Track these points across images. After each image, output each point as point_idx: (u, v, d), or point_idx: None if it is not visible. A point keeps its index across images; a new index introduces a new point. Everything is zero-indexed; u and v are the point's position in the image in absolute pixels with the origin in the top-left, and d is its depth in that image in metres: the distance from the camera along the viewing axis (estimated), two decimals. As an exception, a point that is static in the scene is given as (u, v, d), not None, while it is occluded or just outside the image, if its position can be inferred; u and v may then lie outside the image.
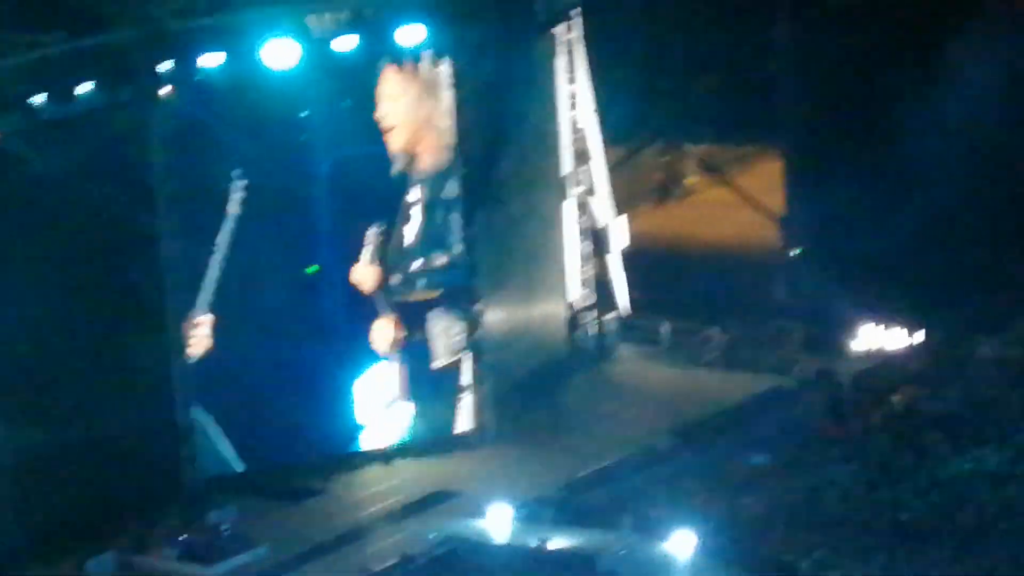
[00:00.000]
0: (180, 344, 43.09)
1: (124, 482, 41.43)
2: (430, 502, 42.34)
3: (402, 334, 45.31)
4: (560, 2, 49.60)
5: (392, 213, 45.85)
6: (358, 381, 45.54)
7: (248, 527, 41.45)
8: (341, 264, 45.44)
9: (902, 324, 50.17)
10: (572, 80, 50.32)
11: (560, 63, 50.11)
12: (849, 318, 50.72)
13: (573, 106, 50.42)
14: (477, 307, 46.57)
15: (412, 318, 45.67)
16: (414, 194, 45.39)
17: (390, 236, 45.36)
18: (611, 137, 52.47)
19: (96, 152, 40.76)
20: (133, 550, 40.59)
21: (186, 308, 43.57)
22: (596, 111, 51.09)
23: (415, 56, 44.89)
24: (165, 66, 41.58)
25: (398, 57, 44.64)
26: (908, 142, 52.38)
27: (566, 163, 50.42)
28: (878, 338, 50.20)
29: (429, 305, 46.24)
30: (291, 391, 44.95)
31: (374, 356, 45.63)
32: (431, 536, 40.16)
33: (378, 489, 43.84)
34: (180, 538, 40.65)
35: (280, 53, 42.71)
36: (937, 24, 55.16)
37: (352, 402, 45.68)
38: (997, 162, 53.55)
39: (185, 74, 42.25)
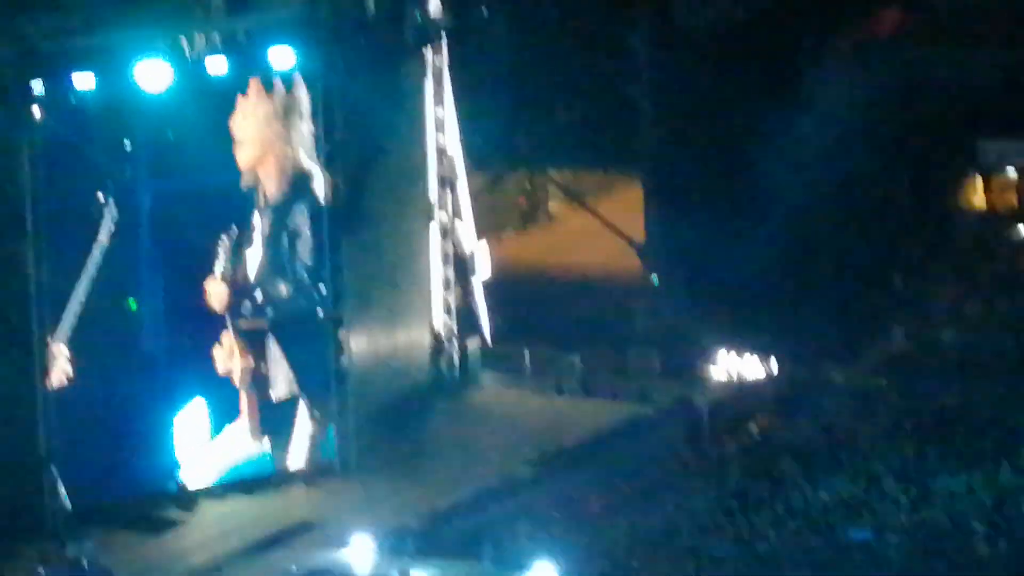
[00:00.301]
0: (44, 372, 41.95)
1: None
2: (292, 534, 41.70)
3: (249, 363, 44.35)
4: (428, 26, 49.07)
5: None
6: (178, 416, 44.31)
7: (108, 559, 40.29)
8: (166, 296, 44.34)
9: (758, 352, 50.09)
10: (439, 104, 49.91)
11: (427, 87, 49.76)
12: (706, 346, 50.62)
13: (440, 129, 50.05)
14: (341, 333, 45.89)
15: (258, 346, 44.77)
16: (256, 221, 44.51)
17: (240, 247, 44.46)
18: (475, 162, 52.33)
19: None
20: None
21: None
22: (461, 136, 50.67)
23: (286, 79, 44.07)
24: (36, 86, 40.67)
25: (266, 78, 43.81)
26: (766, 172, 52.90)
27: (432, 188, 50.12)
28: (735, 366, 50.12)
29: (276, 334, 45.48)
30: (111, 427, 43.76)
31: (196, 389, 44.40)
32: (293, 569, 39.93)
33: (239, 521, 43.11)
34: (39, 571, 39.60)
35: (153, 74, 41.88)
36: (794, 55, 55.62)
37: (171, 438, 44.35)
38: (851, 193, 54.22)
39: (57, 95, 41.28)
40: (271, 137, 43.92)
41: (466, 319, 50.83)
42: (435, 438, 47.56)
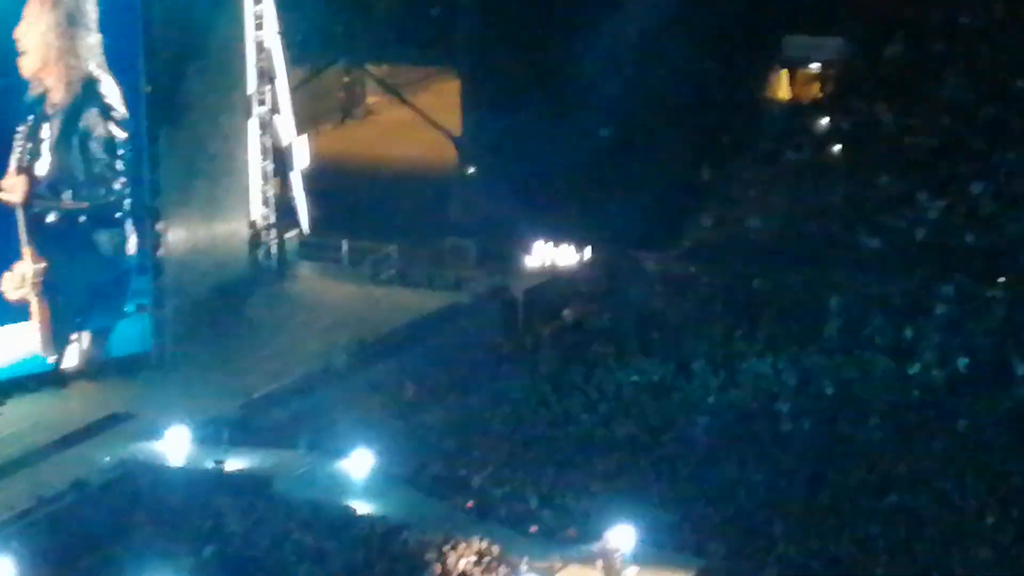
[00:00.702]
0: None
1: None
2: (105, 426, 41.06)
3: (41, 267, 43.40)
4: None
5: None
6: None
7: None
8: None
9: (573, 241, 50.36)
10: (258, 2, 49.11)
11: None
12: (522, 236, 50.74)
13: (259, 25, 49.37)
14: (159, 226, 45.29)
15: (51, 246, 43.75)
16: (45, 129, 43.46)
17: (36, 139, 43.39)
18: (295, 57, 51.90)
19: None
20: None
21: None
22: (280, 30, 50.24)
23: None
24: None
25: None
26: (582, 67, 53.17)
27: (251, 83, 49.54)
28: (550, 255, 50.33)
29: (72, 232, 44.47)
30: None
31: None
32: (105, 460, 39.20)
33: (52, 413, 42.38)
34: None
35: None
36: None
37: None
38: (663, 87, 54.52)
39: None
40: (55, 48, 42.97)
41: (284, 211, 50.64)
42: (253, 328, 47.31)
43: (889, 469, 38.62)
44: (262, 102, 49.60)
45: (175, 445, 39.42)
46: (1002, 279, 46.12)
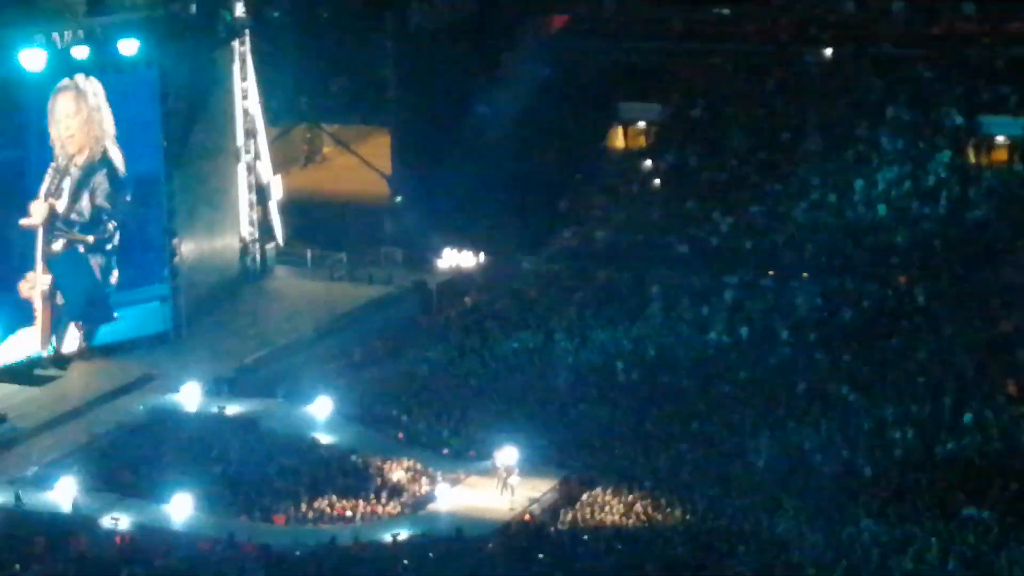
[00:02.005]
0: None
1: None
2: (138, 384, 41.24)
3: (47, 280, 42.43)
4: (235, 24, 48.44)
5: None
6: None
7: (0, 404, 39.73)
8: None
9: (471, 248, 50.06)
10: (244, 79, 49.23)
11: (235, 67, 48.98)
12: (435, 245, 50.30)
13: (245, 97, 49.33)
14: (174, 240, 45.04)
15: (57, 268, 42.80)
16: (67, 180, 42.64)
17: (60, 187, 42.62)
18: (271, 119, 51.59)
19: None
20: None
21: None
22: (260, 101, 50.03)
23: (129, 63, 42.98)
24: None
25: (85, 71, 42.51)
26: (477, 123, 53.43)
27: (239, 138, 49.39)
28: (455, 258, 49.99)
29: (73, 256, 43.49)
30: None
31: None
32: (139, 408, 39.65)
33: (100, 376, 42.20)
34: None
35: (32, 57, 40.57)
36: (496, 45, 55.93)
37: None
38: (536, 137, 54.54)
39: None
40: (81, 131, 42.42)
41: (265, 229, 50.29)
42: (242, 313, 47.32)
43: (692, 406, 39.10)
44: (247, 151, 49.47)
45: (189, 397, 39.74)
46: (771, 272, 46.52)
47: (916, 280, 45.25)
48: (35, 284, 42.14)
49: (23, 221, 42.04)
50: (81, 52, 41.89)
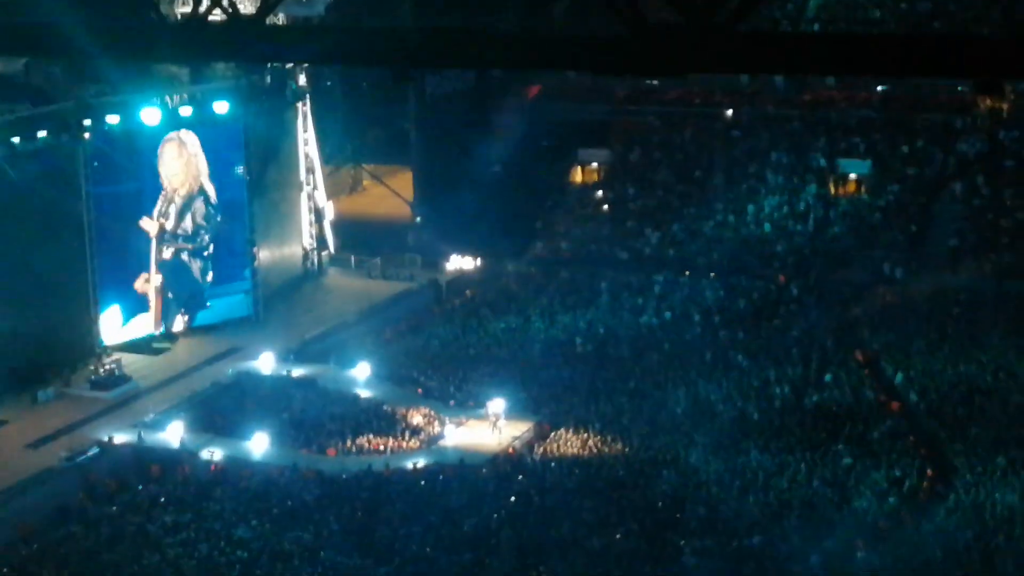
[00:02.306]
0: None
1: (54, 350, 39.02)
2: (228, 354, 41.16)
3: (159, 279, 42.25)
4: (299, 91, 48.32)
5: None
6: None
7: (127, 369, 39.66)
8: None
9: (470, 255, 49.66)
10: (305, 130, 49.03)
11: (299, 121, 48.72)
12: (445, 253, 49.86)
13: (306, 143, 49.12)
14: (255, 249, 44.94)
15: (167, 269, 42.81)
16: (172, 205, 42.60)
17: (167, 210, 42.60)
18: (324, 160, 51.12)
19: (49, 170, 38.61)
20: (64, 384, 38.52)
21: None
22: (317, 146, 49.75)
23: (218, 120, 43.15)
24: (86, 122, 39.00)
25: (189, 126, 42.50)
26: (475, 165, 52.86)
27: (302, 173, 49.14)
28: (459, 263, 49.60)
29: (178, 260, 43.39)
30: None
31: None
32: (229, 371, 39.69)
33: (198, 348, 42.21)
34: (91, 377, 38.58)
35: (150, 115, 40.74)
36: (490, 107, 55.81)
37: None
38: (515, 179, 53.60)
39: (100, 123, 39.81)
40: (182, 171, 42.43)
41: (320, 241, 49.97)
42: (303, 302, 46.99)
43: (630, 369, 39.16)
44: (308, 183, 49.28)
45: (265, 363, 39.82)
46: (687, 272, 46.31)
47: (791, 278, 45.30)
48: (150, 282, 41.98)
49: (142, 223, 42.00)
50: (186, 111, 42.02)
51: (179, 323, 42.87)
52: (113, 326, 40.92)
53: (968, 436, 33.62)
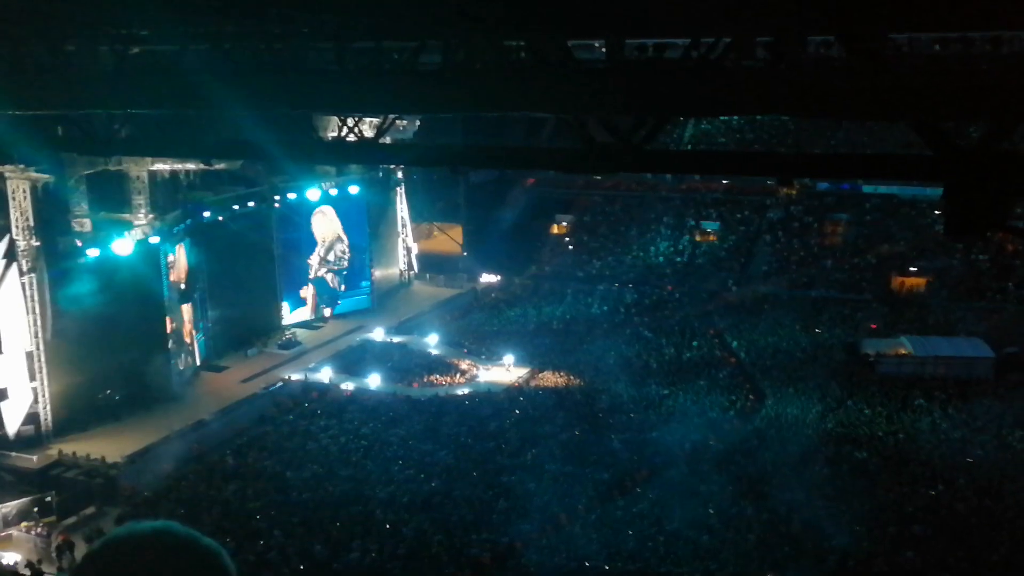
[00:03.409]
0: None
1: (256, 326, 37.45)
2: (356, 330, 40.07)
3: (312, 288, 41.22)
4: (397, 180, 47.64)
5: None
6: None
7: (298, 337, 38.56)
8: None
9: (494, 273, 48.70)
10: (401, 202, 48.34)
11: (398, 197, 48.01)
12: (480, 272, 48.91)
13: (401, 210, 48.44)
14: (372, 270, 44.12)
15: (320, 288, 41.95)
16: (322, 248, 41.80)
17: (321, 253, 41.72)
18: (412, 219, 50.09)
19: (256, 223, 38.14)
20: (262, 346, 36.81)
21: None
22: (407, 211, 48.95)
23: (337, 202, 41.97)
24: (276, 197, 39.02)
25: (330, 202, 41.43)
26: (497, 223, 50.98)
27: (399, 227, 48.50)
28: (487, 278, 48.66)
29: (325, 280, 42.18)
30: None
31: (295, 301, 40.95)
32: (357, 340, 38.86)
33: (338, 326, 40.78)
34: (278, 341, 37.57)
35: (312, 193, 40.53)
36: (507, 188, 54.29)
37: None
38: (520, 229, 51.49)
39: (284, 198, 39.57)
40: (328, 229, 41.68)
41: (409, 265, 49.23)
42: (399, 300, 45.93)
43: (583, 338, 38.54)
44: (402, 233, 48.49)
45: (378, 334, 39.09)
46: (616, 284, 45.50)
47: (674, 288, 44.92)
48: (309, 290, 41.43)
49: (310, 260, 41.17)
50: (332, 192, 41.57)
51: (326, 312, 42.09)
52: (287, 314, 40.46)
53: (772, 376, 33.35)
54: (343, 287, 43.22)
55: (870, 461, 25.98)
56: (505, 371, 34.84)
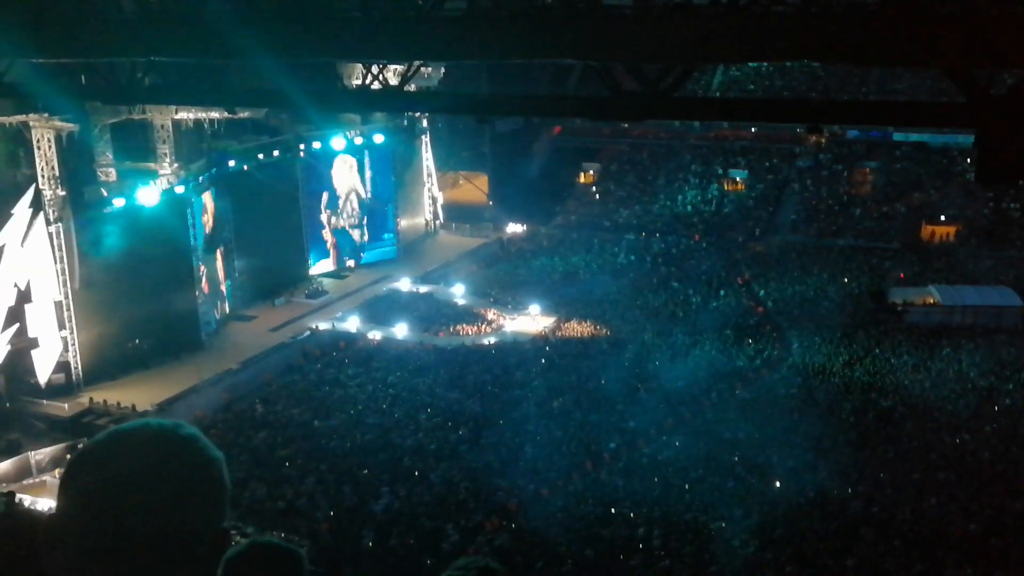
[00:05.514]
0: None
1: (283, 276, 37.63)
2: (382, 280, 40.28)
3: (334, 238, 40.72)
4: (422, 128, 47.21)
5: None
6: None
7: (325, 287, 39.18)
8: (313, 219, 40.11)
9: (521, 222, 48.14)
10: (426, 151, 48.01)
11: (423, 145, 47.69)
12: (506, 222, 48.60)
13: (427, 159, 48.12)
14: (398, 219, 44.26)
15: (340, 238, 41.87)
16: (342, 199, 41.52)
17: (338, 204, 41.39)
18: (438, 168, 49.86)
19: (281, 172, 38.08)
20: (290, 295, 37.41)
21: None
22: (433, 160, 48.63)
23: (361, 151, 41.72)
24: (301, 146, 38.98)
25: (354, 151, 41.19)
26: (524, 171, 50.94)
27: (424, 176, 48.17)
28: (514, 228, 48.02)
29: (344, 231, 41.79)
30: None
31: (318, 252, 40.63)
32: (384, 289, 39.07)
33: (364, 276, 41.07)
34: (305, 291, 38.05)
35: (337, 142, 40.44)
36: (532, 137, 53.73)
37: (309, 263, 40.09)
38: (548, 178, 51.29)
39: (309, 147, 39.42)
40: (347, 178, 41.43)
41: (434, 215, 49.11)
42: (425, 250, 45.86)
43: (609, 288, 38.18)
44: (427, 182, 48.26)
45: (404, 284, 39.27)
46: (643, 234, 45.21)
47: (702, 237, 44.49)
48: (330, 240, 41.38)
49: (322, 216, 41.18)
50: (358, 140, 41.46)
51: (349, 263, 41.98)
52: (312, 264, 40.65)
53: (799, 326, 33.28)
54: (366, 237, 43.17)
55: (896, 409, 26.03)
56: (531, 321, 34.71)
